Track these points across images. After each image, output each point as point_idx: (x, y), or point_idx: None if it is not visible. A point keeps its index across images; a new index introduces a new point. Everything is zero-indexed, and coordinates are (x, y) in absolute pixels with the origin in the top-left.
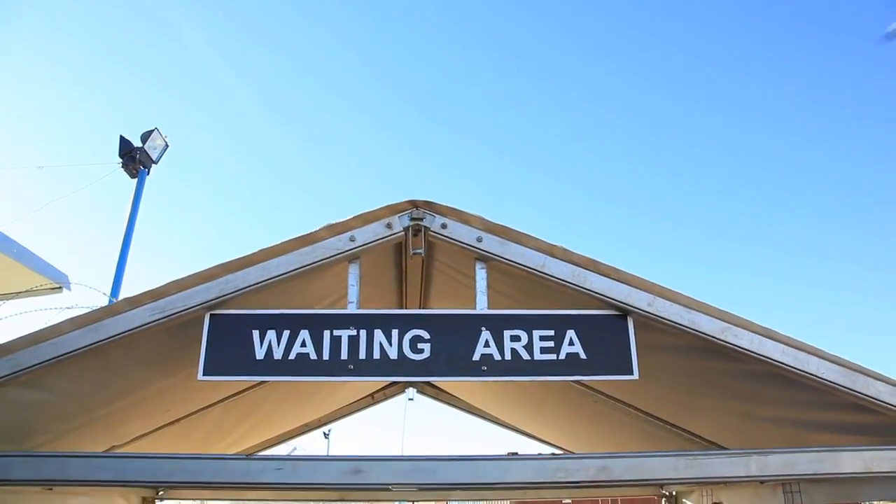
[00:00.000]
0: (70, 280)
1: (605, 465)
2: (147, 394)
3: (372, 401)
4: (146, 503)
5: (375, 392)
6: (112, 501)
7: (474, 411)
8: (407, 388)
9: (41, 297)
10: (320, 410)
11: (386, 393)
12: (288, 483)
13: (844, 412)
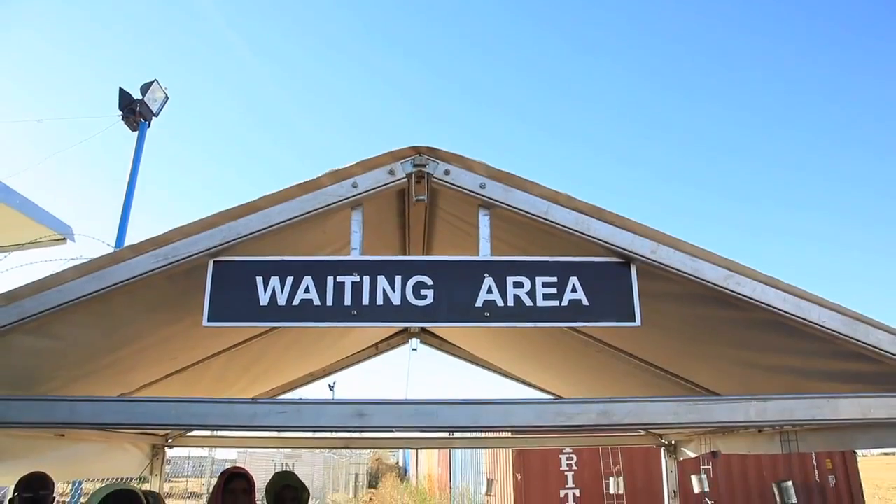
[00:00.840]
0: (74, 231)
1: (606, 410)
2: (153, 341)
3: (376, 351)
4: (155, 451)
5: (379, 342)
6: (123, 449)
7: (477, 361)
8: (410, 339)
9: (45, 249)
10: (325, 360)
11: (390, 343)
12: (292, 426)
13: (844, 361)
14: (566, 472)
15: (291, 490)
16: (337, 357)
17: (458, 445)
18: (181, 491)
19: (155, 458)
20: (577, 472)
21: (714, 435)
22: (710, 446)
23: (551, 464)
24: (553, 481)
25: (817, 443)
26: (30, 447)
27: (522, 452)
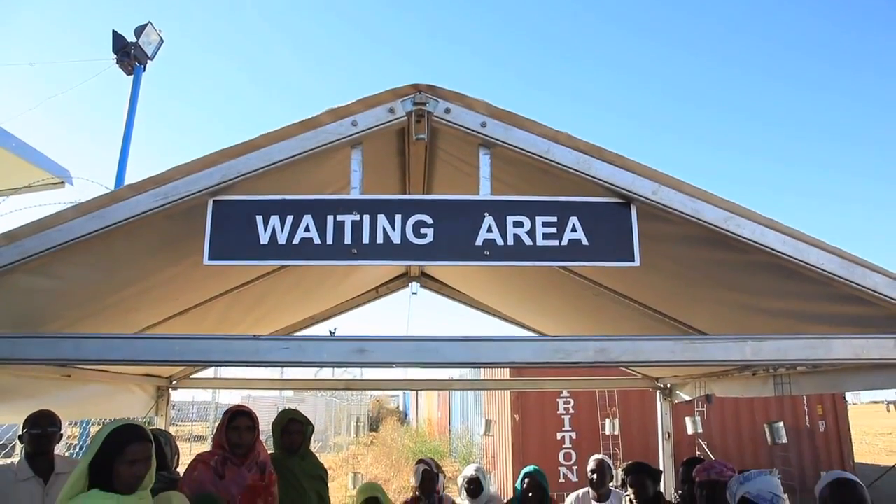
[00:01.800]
0: (72, 175)
1: (604, 347)
2: (155, 282)
3: (376, 294)
4: (160, 392)
5: (379, 286)
6: (128, 391)
7: (477, 305)
8: (410, 283)
9: (44, 193)
10: (325, 303)
11: (389, 287)
12: (294, 361)
13: (840, 304)
14: (563, 415)
15: (297, 423)
16: (338, 300)
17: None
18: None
19: (160, 400)
20: (574, 415)
21: (709, 378)
22: (705, 389)
23: (548, 407)
24: (550, 424)
25: (809, 385)
26: (37, 387)
27: (520, 395)
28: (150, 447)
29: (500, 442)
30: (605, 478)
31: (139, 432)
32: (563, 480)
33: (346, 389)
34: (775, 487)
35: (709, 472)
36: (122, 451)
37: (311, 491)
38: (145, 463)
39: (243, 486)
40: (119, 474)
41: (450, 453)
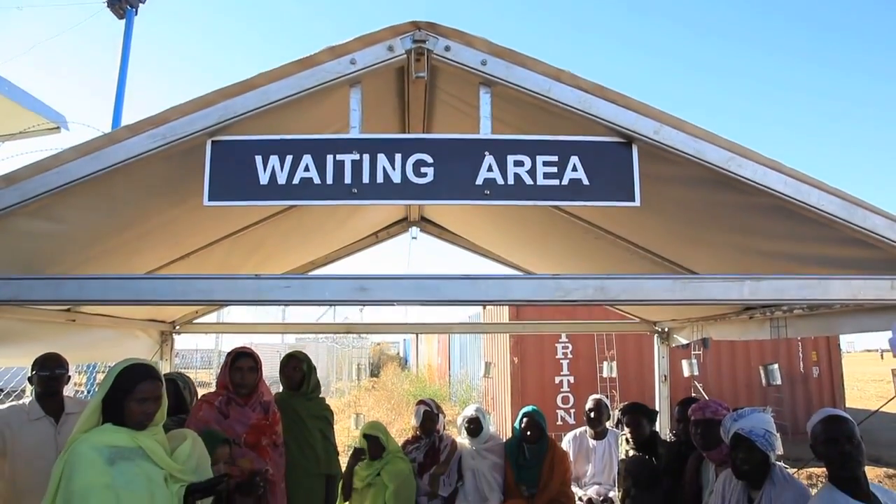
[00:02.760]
0: (67, 120)
1: (603, 286)
2: (156, 224)
3: (376, 239)
4: (164, 337)
5: (379, 231)
6: (133, 336)
7: (477, 249)
8: (410, 227)
9: (39, 139)
10: (325, 248)
11: (389, 232)
12: (296, 300)
13: (839, 246)
14: (562, 359)
15: (294, 360)
16: (338, 245)
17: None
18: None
19: (164, 345)
20: (572, 360)
21: (706, 321)
22: (702, 333)
23: (547, 352)
24: (549, 368)
25: (806, 328)
26: (43, 331)
27: (520, 339)
28: (160, 386)
29: (499, 385)
30: (602, 417)
31: (150, 371)
32: (560, 423)
33: (347, 333)
34: (768, 424)
35: (704, 410)
36: (133, 389)
37: (314, 430)
38: (155, 401)
39: (247, 425)
40: (130, 411)
41: (450, 397)
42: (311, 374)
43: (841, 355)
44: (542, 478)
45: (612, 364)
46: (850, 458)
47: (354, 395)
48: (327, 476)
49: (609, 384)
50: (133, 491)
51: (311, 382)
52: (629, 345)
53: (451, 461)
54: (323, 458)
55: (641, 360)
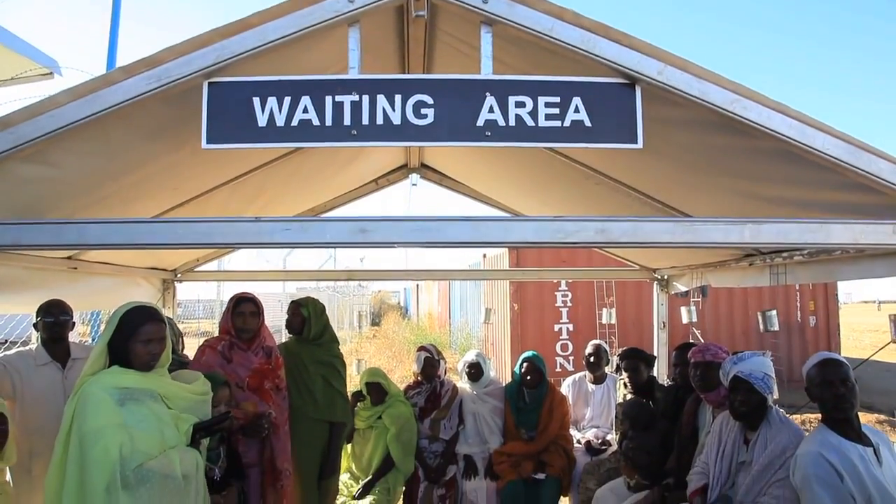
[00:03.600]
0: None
1: (604, 228)
2: (154, 170)
3: (375, 186)
4: (166, 285)
5: (379, 178)
6: (135, 284)
7: (477, 196)
8: (410, 174)
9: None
10: (325, 195)
11: (389, 179)
12: (296, 242)
13: (843, 192)
14: (561, 307)
15: (293, 305)
16: (337, 192)
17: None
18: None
19: (166, 293)
20: (572, 308)
21: (706, 268)
22: (702, 280)
23: (547, 299)
24: (548, 316)
25: (805, 275)
26: (45, 279)
27: (520, 287)
28: (163, 328)
29: (498, 332)
30: (601, 362)
31: (153, 313)
32: (559, 370)
33: (347, 280)
34: (767, 367)
35: (704, 353)
36: (137, 331)
37: (315, 375)
38: (159, 343)
39: (250, 369)
40: (135, 353)
41: (450, 345)
42: (313, 319)
43: (838, 305)
44: (541, 421)
45: (612, 311)
46: (843, 400)
47: (356, 343)
48: (331, 423)
49: (608, 331)
50: (144, 430)
51: (314, 328)
52: (628, 292)
53: (452, 405)
54: (323, 403)
55: (640, 308)
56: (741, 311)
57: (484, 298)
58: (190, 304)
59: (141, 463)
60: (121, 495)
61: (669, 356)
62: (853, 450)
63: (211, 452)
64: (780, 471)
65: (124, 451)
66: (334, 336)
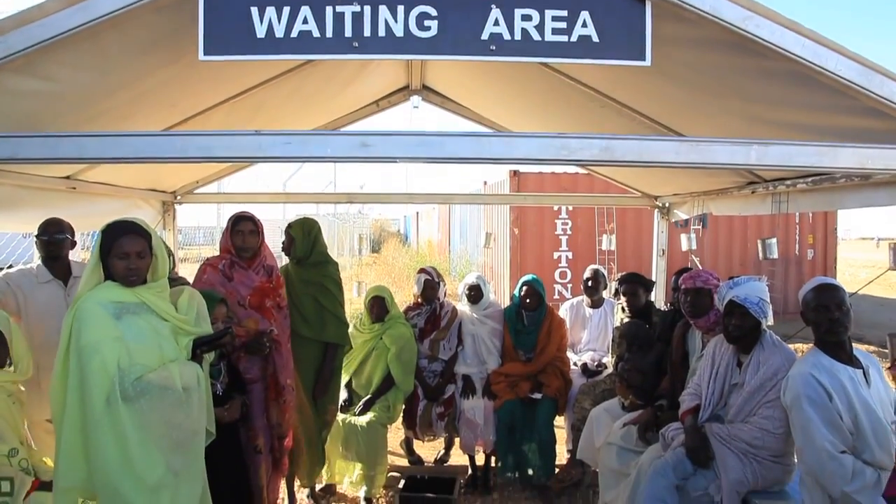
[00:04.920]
0: None
1: (608, 146)
2: (151, 85)
3: (377, 108)
4: (166, 207)
5: (380, 99)
6: (134, 206)
7: (479, 120)
8: (412, 96)
9: None
10: (325, 116)
11: (390, 101)
12: (297, 157)
13: (852, 116)
14: (561, 235)
15: (286, 228)
16: (337, 114)
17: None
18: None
19: (166, 215)
20: (571, 236)
21: (707, 196)
22: (703, 208)
23: (547, 228)
24: (548, 244)
25: (808, 203)
26: (44, 199)
27: (520, 214)
28: (141, 241)
29: (498, 259)
30: (599, 286)
31: (130, 227)
32: (557, 297)
33: (348, 202)
34: (762, 292)
35: (695, 279)
36: (113, 245)
37: (304, 295)
38: (139, 257)
39: (251, 287)
40: (114, 268)
41: (449, 272)
42: (297, 240)
43: (836, 240)
44: (539, 343)
45: (612, 238)
46: (837, 324)
47: (356, 270)
48: (327, 344)
49: (607, 257)
50: (142, 343)
51: (299, 248)
52: (628, 220)
53: (452, 327)
54: (313, 322)
55: (640, 236)
56: (740, 241)
57: (484, 225)
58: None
59: (140, 375)
60: (121, 407)
61: (668, 283)
62: (843, 371)
63: (212, 368)
64: (772, 392)
65: (122, 363)
66: (327, 256)
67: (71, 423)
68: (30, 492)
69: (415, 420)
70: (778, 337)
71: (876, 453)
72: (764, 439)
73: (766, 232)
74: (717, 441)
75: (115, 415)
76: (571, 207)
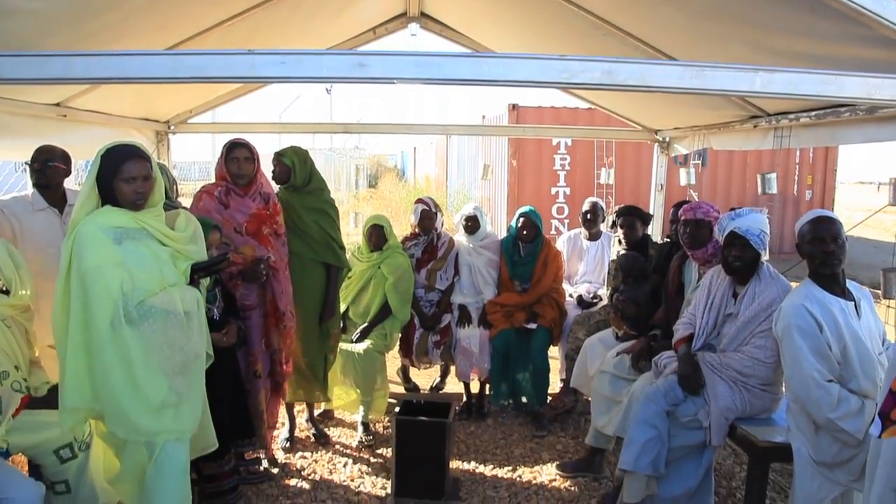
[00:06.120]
0: None
1: (611, 70)
2: (140, 4)
3: (373, 35)
4: (159, 137)
5: (377, 26)
6: (128, 135)
7: (479, 49)
8: (409, 23)
9: None
10: (321, 41)
11: (388, 28)
12: (291, 76)
13: (861, 46)
14: (559, 171)
15: (276, 155)
16: (333, 40)
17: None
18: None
19: (160, 145)
20: (570, 172)
21: (709, 130)
22: (704, 143)
23: (545, 163)
24: (546, 178)
25: (810, 138)
26: (34, 126)
27: (519, 147)
28: (147, 165)
29: (496, 191)
30: (597, 219)
31: (134, 150)
32: (554, 233)
33: (344, 132)
34: (764, 225)
35: (695, 211)
36: (119, 169)
37: (310, 221)
38: (145, 181)
39: (248, 214)
40: (121, 192)
41: (447, 206)
42: (297, 167)
43: (836, 181)
44: (535, 274)
45: (611, 171)
46: (832, 256)
47: (352, 204)
48: (328, 266)
49: (606, 191)
50: (143, 268)
51: (300, 175)
52: (627, 156)
53: (449, 257)
54: (321, 244)
55: (638, 171)
56: (739, 180)
57: (483, 152)
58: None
59: (142, 299)
60: (125, 330)
61: (665, 218)
62: (835, 303)
63: (208, 294)
64: (765, 322)
65: (125, 288)
66: (323, 183)
67: (75, 345)
68: (20, 408)
69: (411, 348)
70: (775, 269)
71: (861, 382)
72: (754, 368)
73: (765, 170)
74: (708, 369)
75: (120, 338)
76: (570, 142)
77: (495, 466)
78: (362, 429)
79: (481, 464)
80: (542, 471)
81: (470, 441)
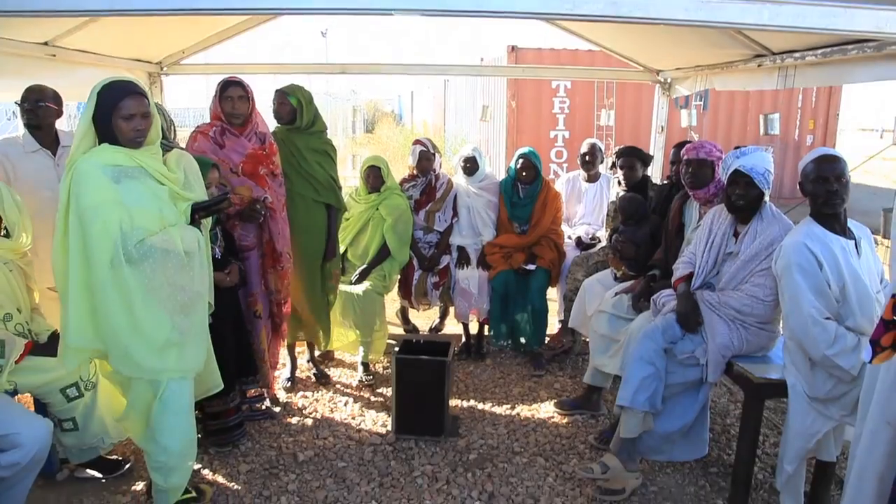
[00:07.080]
0: None
1: (615, 1)
2: None
3: None
4: (152, 79)
5: None
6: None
7: None
8: None
9: None
10: None
11: None
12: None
13: None
14: (558, 114)
15: (279, 94)
16: None
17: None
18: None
19: (153, 86)
20: (569, 115)
21: (711, 70)
22: (706, 84)
23: (544, 106)
24: (545, 122)
25: (816, 78)
26: (22, 66)
27: (518, 89)
28: (145, 101)
29: (494, 133)
30: (595, 160)
31: (131, 86)
32: (553, 176)
33: (341, 73)
34: (768, 163)
35: (698, 150)
36: (116, 106)
37: (313, 162)
38: (143, 118)
39: (244, 154)
40: (120, 129)
41: (444, 151)
42: (304, 107)
43: (838, 126)
44: (533, 216)
45: (611, 113)
46: (835, 195)
47: (350, 148)
48: (328, 206)
49: (605, 133)
50: (142, 207)
51: (306, 116)
52: (627, 97)
53: (447, 198)
54: (324, 185)
55: (639, 113)
56: (740, 122)
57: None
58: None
59: (142, 238)
60: (125, 269)
61: (666, 159)
62: (836, 242)
63: (209, 233)
64: (765, 261)
65: (124, 227)
66: (324, 124)
67: (76, 284)
68: (23, 354)
69: (410, 289)
70: (777, 209)
71: (858, 320)
72: (753, 307)
73: (768, 103)
74: (706, 307)
75: (120, 277)
76: (570, 85)
77: (494, 405)
78: (362, 369)
79: (480, 402)
80: (540, 409)
81: (469, 381)
